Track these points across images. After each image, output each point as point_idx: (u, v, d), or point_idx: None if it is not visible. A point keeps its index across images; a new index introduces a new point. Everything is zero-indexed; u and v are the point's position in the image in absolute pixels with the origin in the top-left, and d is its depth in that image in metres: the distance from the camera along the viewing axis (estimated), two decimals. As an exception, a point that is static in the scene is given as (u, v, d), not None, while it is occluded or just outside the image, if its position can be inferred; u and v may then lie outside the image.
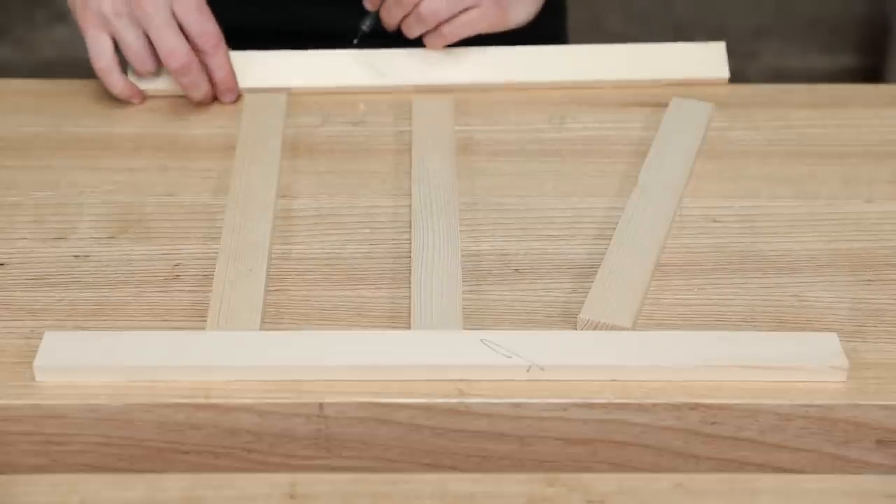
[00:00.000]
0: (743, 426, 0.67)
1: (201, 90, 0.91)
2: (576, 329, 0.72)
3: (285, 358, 0.67)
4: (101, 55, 0.89)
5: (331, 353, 0.67)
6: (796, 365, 0.67)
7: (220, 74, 0.91)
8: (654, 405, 0.66)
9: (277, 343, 0.68)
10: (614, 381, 0.67)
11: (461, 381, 0.67)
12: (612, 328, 0.71)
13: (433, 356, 0.67)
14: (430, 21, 0.91)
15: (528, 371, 0.67)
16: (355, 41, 0.95)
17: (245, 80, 0.93)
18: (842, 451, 0.68)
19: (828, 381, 0.67)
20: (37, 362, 0.67)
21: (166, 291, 0.74)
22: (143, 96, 0.92)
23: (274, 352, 0.68)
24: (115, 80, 0.90)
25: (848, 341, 0.71)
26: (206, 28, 0.89)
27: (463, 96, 0.94)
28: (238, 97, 0.93)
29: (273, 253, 0.78)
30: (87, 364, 0.67)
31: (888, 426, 0.67)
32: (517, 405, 0.67)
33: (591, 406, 0.67)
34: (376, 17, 0.95)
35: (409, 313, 0.72)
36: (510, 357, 0.67)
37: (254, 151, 0.86)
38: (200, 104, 0.92)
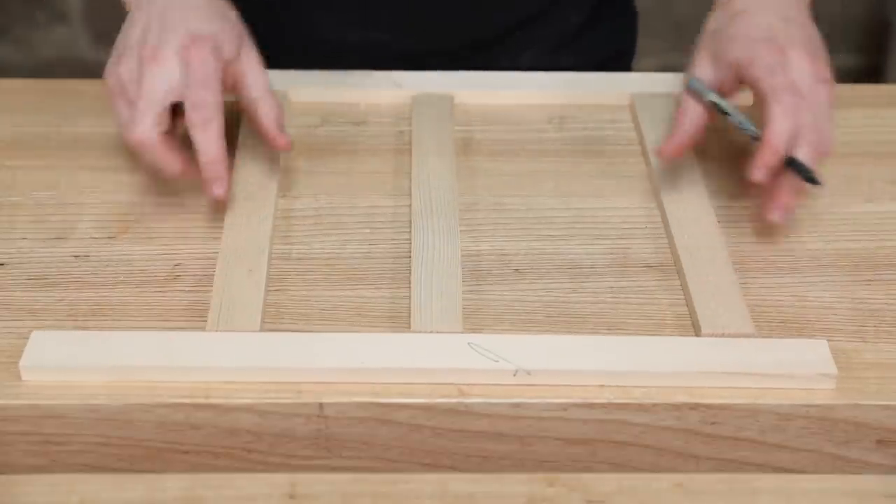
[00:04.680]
0: (743, 426, 0.67)
1: (169, 169, 0.78)
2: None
3: (284, 361, 0.67)
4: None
5: (328, 357, 0.67)
6: (785, 372, 0.67)
7: (202, 158, 0.76)
8: (654, 405, 0.66)
9: (275, 345, 0.68)
10: (603, 386, 0.67)
11: (458, 383, 0.67)
12: (736, 336, 0.70)
13: (428, 359, 0.67)
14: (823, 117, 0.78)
15: (514, 375, 0.67)
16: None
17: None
18: (842, 451, 0.68)
19: (816, 388, 0.67)
20: (22, 362, 0.67)
21: (166, 291, 0.74)
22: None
23: (273, 355, 0.68)
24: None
25: (848, 341, 0.71)
26: (199, 97, 0.76)
27: (463, 97, 0.94)
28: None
29: (273, 253, 0.78)
30: (72, 364, 0.67)
31: (888, 426, 0.67)
32: (517, 405, 0.66)
33: (591, 406, 0.67)
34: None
35: (409, 313, 0.72)
36: (497, 361, 0.67)
37: (254, 151, 0.86)
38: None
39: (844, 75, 2.22)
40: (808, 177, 0.77)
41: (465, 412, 0.67)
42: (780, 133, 0.76)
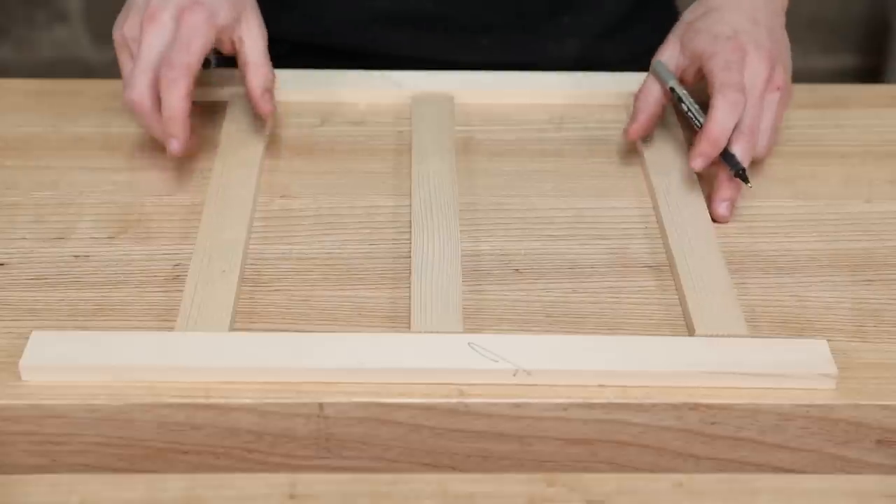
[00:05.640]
0: (743, 426, 0.67)
1: (156, 136, 0.83)
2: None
3: (284, 361, 0.67)
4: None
5: (328, 357, 0.67)
6: (785, 372, 0.67)
7: (164, 113, 0.80)
8: (654, 405, 0.66)
9: (276, 345, 0.68)
10: (603, 386, 0.67)
11: (458, 383, 0.67)
12: (729, 336, 0.70)
13: (428, 360, 0.67)
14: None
15: (514, 375, 0.67)
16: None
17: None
18: (842, 451, 0.68)
19: (816, 388, 0.67)
20: (22, 362, 0.67)
21: (166, 291, 0.74)
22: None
23: (273, 355, 0.67)
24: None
25: (848, 341, 0.71)
26: (175, 57, 0.80)
27: (463, 97, 0.94)
28: (190, 149, 0.83)
29: (271, 253, 0.78)
30: (73, 364, 0.67)
31: (888, 426, 0.67)
32: (517, 405, 0.66)
33: (591, 406, 0.67)
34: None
35: (409, 314, 0.72)
36: (497, 361, 0.67)
37: (237, 151, 0.85)
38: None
39: (844, 75, 2.23)
40: (738, 172, 0.79)
41: (465, 412, 0.67)
42: (719, 125, 0.79)
